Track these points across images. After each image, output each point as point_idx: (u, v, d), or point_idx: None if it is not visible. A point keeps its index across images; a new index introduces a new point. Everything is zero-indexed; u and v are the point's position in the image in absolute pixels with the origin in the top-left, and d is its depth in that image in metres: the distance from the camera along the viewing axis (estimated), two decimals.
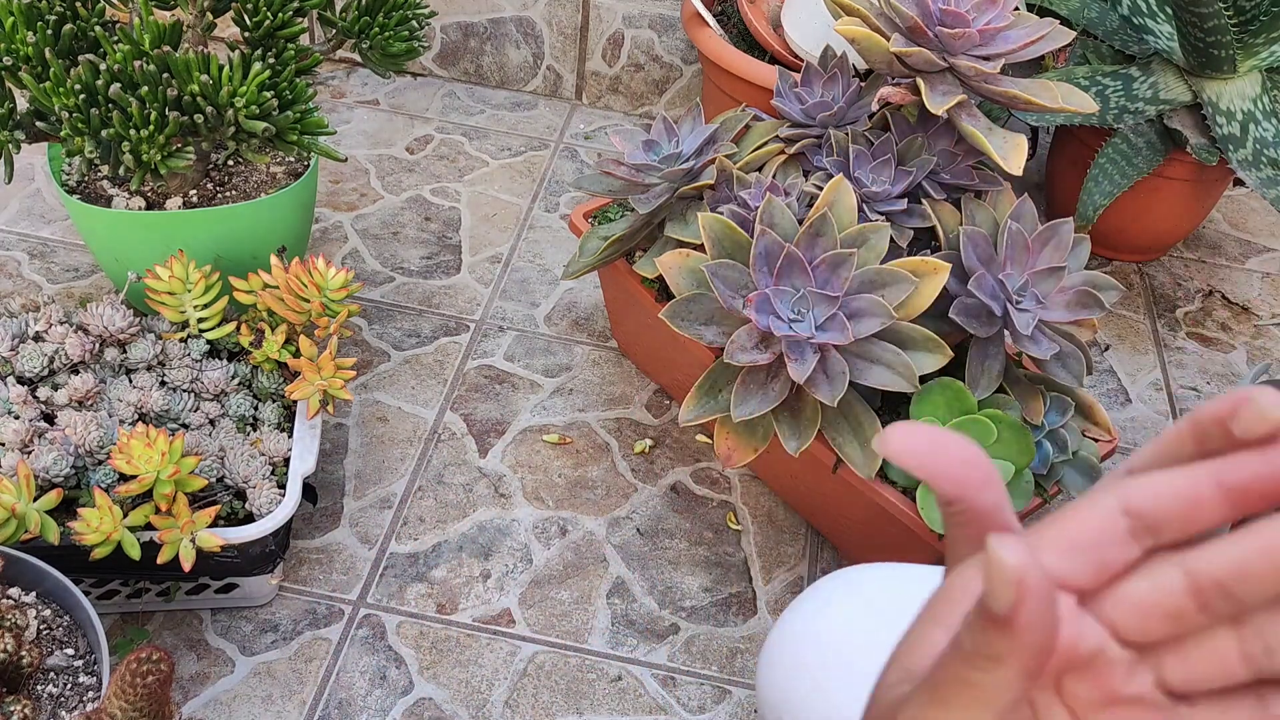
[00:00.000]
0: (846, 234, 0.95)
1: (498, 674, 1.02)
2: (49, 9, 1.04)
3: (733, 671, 1.04)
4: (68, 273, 1.36)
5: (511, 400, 1.27)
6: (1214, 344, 1.49)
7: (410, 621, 1.05)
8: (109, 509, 0.87)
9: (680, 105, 1.77)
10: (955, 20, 0.95)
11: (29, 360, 0.99)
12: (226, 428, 1.02)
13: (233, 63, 1.02)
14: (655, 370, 1.30)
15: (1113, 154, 1.41)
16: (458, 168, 1.60)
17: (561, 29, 1.72)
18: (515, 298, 1.40)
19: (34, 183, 1.49)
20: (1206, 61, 1.37)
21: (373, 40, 1.18)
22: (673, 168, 1.04)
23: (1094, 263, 1.56)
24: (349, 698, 0.98)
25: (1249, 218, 1.73)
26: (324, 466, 1.17)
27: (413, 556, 1.10)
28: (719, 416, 0.98)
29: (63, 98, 0.99)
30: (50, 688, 0.81)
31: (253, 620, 1.03)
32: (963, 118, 0.98)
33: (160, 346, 1.05)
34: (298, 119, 1.06)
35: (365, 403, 1.25)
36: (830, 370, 0.92)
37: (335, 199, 1.52)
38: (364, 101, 1.72)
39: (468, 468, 1.19)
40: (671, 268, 0.99)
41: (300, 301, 1.04)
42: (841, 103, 1.07)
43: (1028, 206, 1.01)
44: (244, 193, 1.20)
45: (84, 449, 0.93)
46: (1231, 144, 1.38)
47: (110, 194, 1.17)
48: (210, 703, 0.97)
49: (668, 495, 1.19)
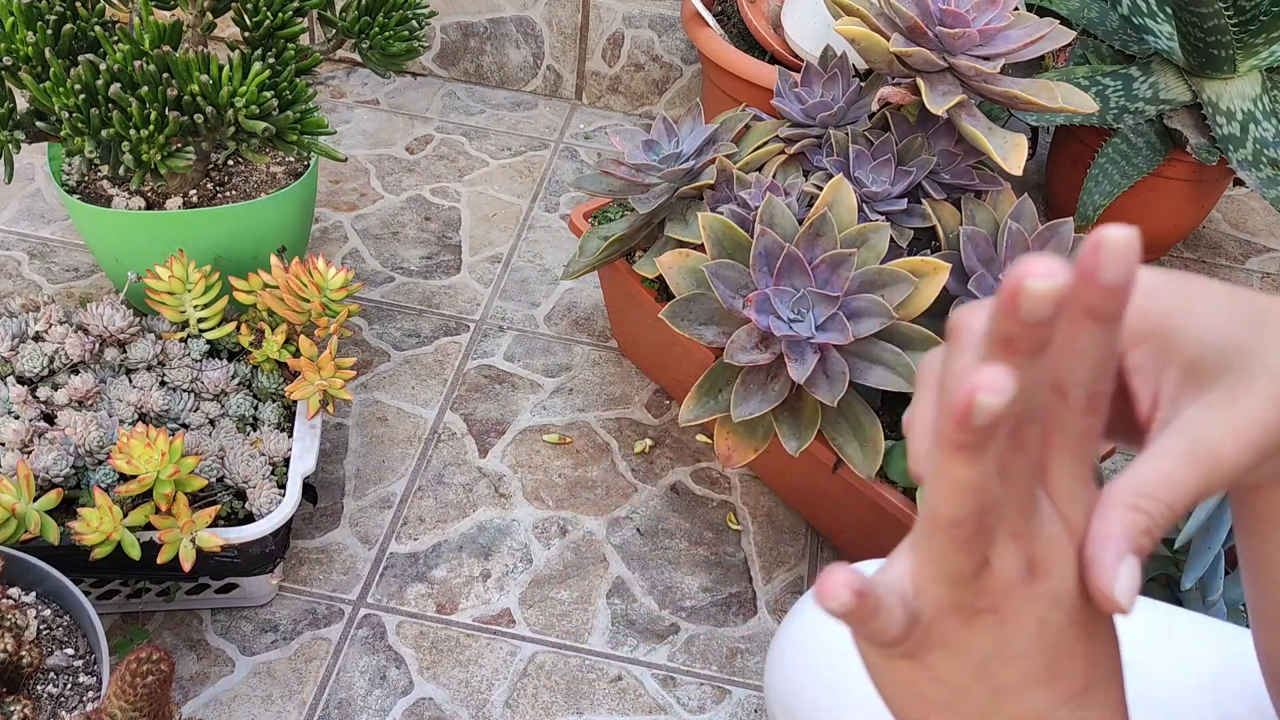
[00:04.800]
0: (846, 234, 0.95)
1: (498, 674, 1.02)
2: (49, 9, 1.04)
3: (733, 671, 1.04)
4: (68, 273, 1.36)
5: (511, 400, 1.27)
6: None
7: (410, 621, 1.05)
8: (109, 509, 0.87)
9: (680, 105, 1.77)
10: (955, 20, 0.95)
11: (29, 360, 0.99)
12: (226, 428, 1.02)
13: (233, 63, 1.02)
14: (655, 370, 1.30)
15: (1113, 154, 1.41)
16: (458, 168, 1.60)
17: (561, 29, 1.72)
18: (515, 298, 1.40)
19: (34, 183, 1.49)
20: (1206, 61, 1.37)
21: (373, 40, 1.18)
22: (673, 168, 1.04)
23: None
24: (349, 698, 0.98)
25: (1249, 218, 1.73)
26: (324, 466, 1.17)
27: (413, 556, 1.10)
28: (719, 416, 0.98)
29: (63, 98, 0.99)
30: (50, 688, 0.81)
31: (253, 620, 1.03)
32: (963, 118, 0.98)
33: (160, 346, 1.05)
34: (298, 119, 1.06)
35: (365, 403, 1.25)
36: (830, 370, 0.92)
37: (335, 199, 1.52)
38: (364, 101, 1.72)
39: (468, 468, 1.19)
40: (671, 268, 0.99)
41: (300, 301, 1.04)
42: (841, 103, 1.07)
43: (1028, 206, 1.01)
44: (244, 193, 1.20)
45: (84, 449, 0.93)
46: (1231, 144, 1.38)
47: (110, 194, 1.17)
48: (210, 703, 0.97)
49: (668, 495, 1.19)
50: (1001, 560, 0.32)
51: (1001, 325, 0.29)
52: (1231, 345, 0.34)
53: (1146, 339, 0.35)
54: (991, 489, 0.30)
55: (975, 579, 0.32)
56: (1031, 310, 0.28)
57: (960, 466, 0.29)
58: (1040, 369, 0.30)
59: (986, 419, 0.28)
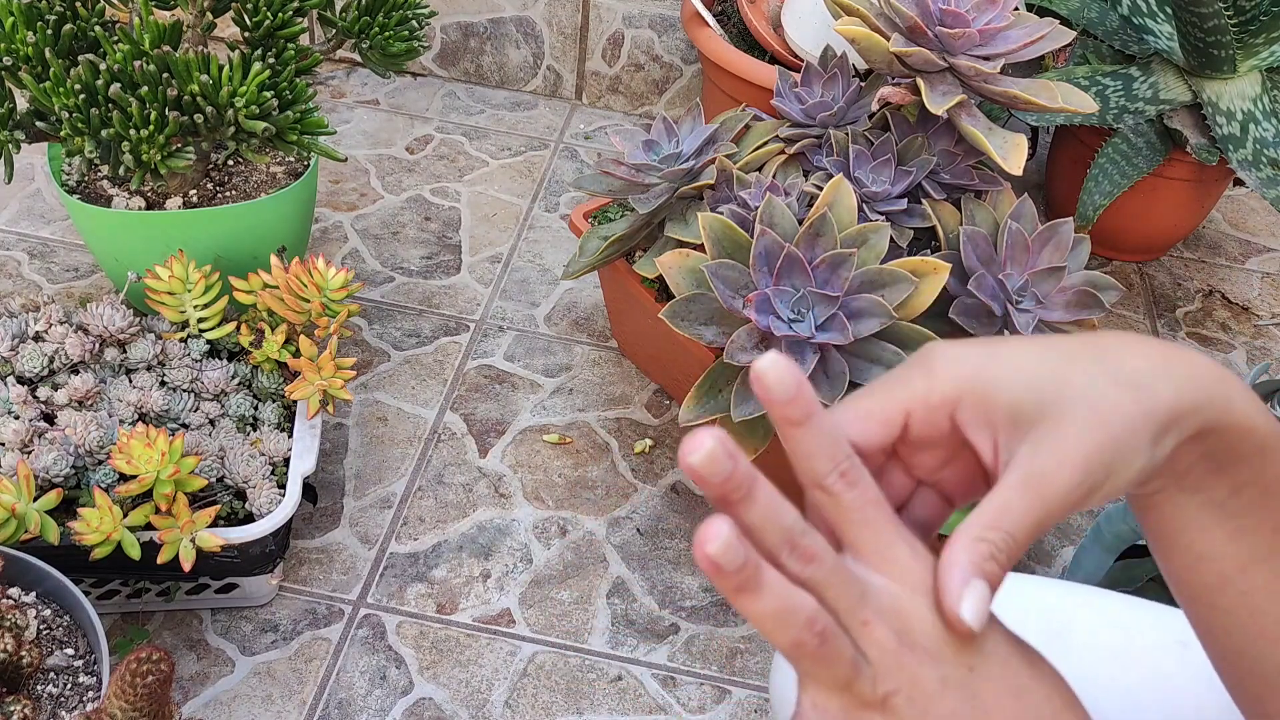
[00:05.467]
0: (846, 234, 0.95)
1: (498, 674, 1.02)
2: (49, 9, 1.04)
3: (733, 671, 1.04)
4: (68, 273, 1.36)
5: (511, 400, 1.27)
6: (1214, 344, 1.49)
7: (410, 621, 1.05)
8: (109, 509, 0.87)
9: (680, 105, 1.77)
10: (955, 20, 0.95)
11: (29, 360, 0.99)
12: (226, 428, 1.02)
13: (233, 63, 1.02)
14: (655, 370, 1.30)
15: (1113, 154, 1.41)
16: (458, 167, 1.60)
17: (561, 29, 1.72)
18: (515, 298, 1.40)
19: (34, 183, 1.49)
20: (1206, 61, 1.37)
21: (373, 40, 1.18)
22: (673, 168, 1.04)
23: (1094, 263, 1.56)
24: (349, 698, 0.98)
25: (1249, 218, 1.73)
26: (324, 466, 1.17)
27: (413, 556, 1.10)
28: (719, 417, 0.97)
29: (63, 98, 0.99)
30: (50, 688, 0.81)
31: (253, 620, 1.03)
32: (963, 118, 0.98)
33: (160, 346, 1.05)
34: (298, 119, 1.06)
35: (365, 403, 1.25)
36: (830, 370, 0.92)
37: (335, 199, 1.52)
38: (364, 101, 1.72)
39: (468, 468, 1.19)
40: (671, 268, 0.99)
41: (300, 301, 1.04)
42: (841, 103, 1.07)
43: (1028, 206, 1.01)
44: (244, 192, 1.20)
45: (84, 449, 0.93)
46: (1231, 144, 1.38)
47: (110, 194, 1.17)
48: (210, 703, 0.97)
49: (668, 495, 1.19)
50: (870, 646, 0.34)
51: (706, 491, 0.33)
52: (1042, 385, 0.36)
53: (965, 399, 0.37)
54: (798, 604, 0.33)
55: (859, 675, 0.34)
56: (709, 477, 0.32)
57: (750, 604, 0.32)
58: (765, 503, 0.33)
59: (728, 564, 0.31)
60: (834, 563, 0.34)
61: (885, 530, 0.35)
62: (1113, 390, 0.36)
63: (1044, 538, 1.20)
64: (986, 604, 0.35)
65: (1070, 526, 1.22)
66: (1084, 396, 0.36)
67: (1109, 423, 0.35)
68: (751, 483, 0.33)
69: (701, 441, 0.32)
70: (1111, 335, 0.38)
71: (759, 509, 0.33)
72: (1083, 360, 0.37)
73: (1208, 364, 0.38)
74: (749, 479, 0.33)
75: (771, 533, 0.34)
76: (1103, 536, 1.01)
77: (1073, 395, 0.36)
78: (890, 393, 0.38)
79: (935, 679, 0.34)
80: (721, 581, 0.32)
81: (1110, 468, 0.35)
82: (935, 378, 0.38)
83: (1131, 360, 0.37)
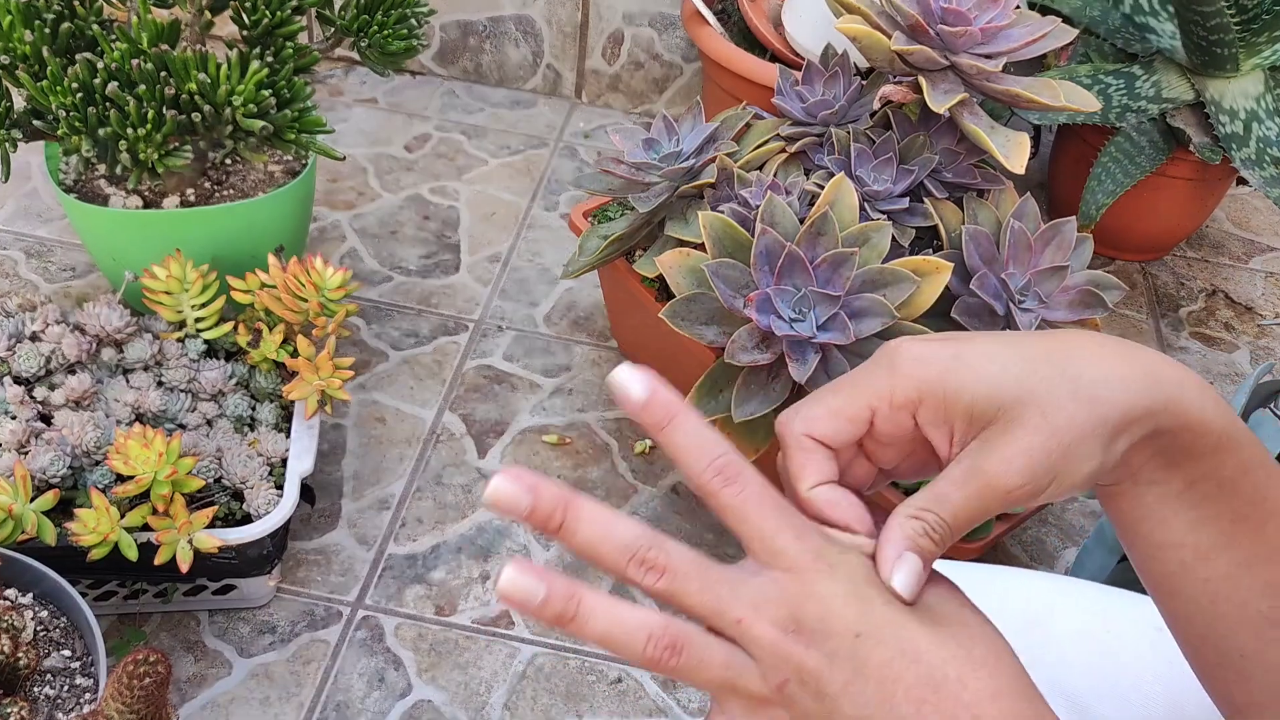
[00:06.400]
0: (848, 233, 0.94)
1: (497, 676, 1.01)
2: (46, 7, 1.03)
3: None
4: (64, 272, 1.35)
5: (511, 400, 1.26)
6: (1217, 344, 1.49)
7: (409, 623, 1.04)
8: (106, 510, 0.87)
9: (680, 103, 1.76)
10: (957, 18, 0.94)
11: (26, 360, 0.99)
12: (224, 428, 1.02)
13: (231, 61, 1.02)
14: (655, 370, 1.29)
15: (1115, 153, 1.41)
16: (456, 166, 1.60)
17: (561, 27, 1.71)
18: (514, 297, 1.40)
19: (31, 182, 1.48)
20: (1209, 60, 1.36)
21: (371, 38, 1.17)
22: (673, 166, 1.03)
23: (1097, 262, 1.55)
24: (347, 700, 0.98)
25: (1252, 217, 1.72)
26: (322, 467, 1.17)
27: (411, 558, 1.10)
28: (719, 417, 0.97)
29: (60, 96, 0.98)
30: (47, 689, 0.80)
31: (250, 622, 1.03)
32: (965, 116, 0.97)
33: (157, 346, 1.05)
34: (296, 117, 1.06)
35: (363, 403, 1.24)
36: (832, 370, 0.92)
37: (333, 198, 1.51)
38: (362, 100, 1.71)
39: (466, 468, 1.19)
40: (672, 267, 0.98)
41: (298, 301, 1.04)
42: (843, 101, 1.06)
43: (1030, 205, 1.00)
44: (241, 191, 1.20)
45: (81, 449, 0.93)
46: (1235, 143, 1.37)
47: (107, 193, 1.17)
48: (208, 705, 0.96)
49: (668, 496, 1.19)
50: (750, 643, 0.35)
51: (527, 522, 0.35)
52: (1003, 391, 0.38)
53: (927, 400, 0.39)
54: (632, 623, 0.34)
55: (741, 674, 0.35)
56: (507, 510, 0.34)
57: (578, 632, 0.34)
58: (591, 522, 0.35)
59: (525, 599, 0.34)
60: (689, 569, 0.35)
61: (768, 522, 0.37)
62: (1070, 403, 0.38)
63: (1046, 539, 1.19)
64: (919, 575, 0.37)
65: (1073, 527, 1.21)
66: (1039, 405, 0.38)
67: (1060, 431, 0.37)
68: (567, 507, 0.34)
69: (498, 485, 0.34)
70: (1075, 339, 0.40)
71: (585, 528, 0.35)
72: (1044, 368, 0.39)
73: (1166, 367, 0.39)
74: (561, 503, 0.34)
75: (608, 554, 0.35)
76: (1106, 538, 1.01)
77: (1029, 402, 0.38)
78: (856, 390, 0.40)
79: (821, 657, 0.35)
80: (538, 617, 0.33)
81: (1055, 471, 0.37)
82: (898, 376, 0.39)
83: (1090, 370, 0.38)
